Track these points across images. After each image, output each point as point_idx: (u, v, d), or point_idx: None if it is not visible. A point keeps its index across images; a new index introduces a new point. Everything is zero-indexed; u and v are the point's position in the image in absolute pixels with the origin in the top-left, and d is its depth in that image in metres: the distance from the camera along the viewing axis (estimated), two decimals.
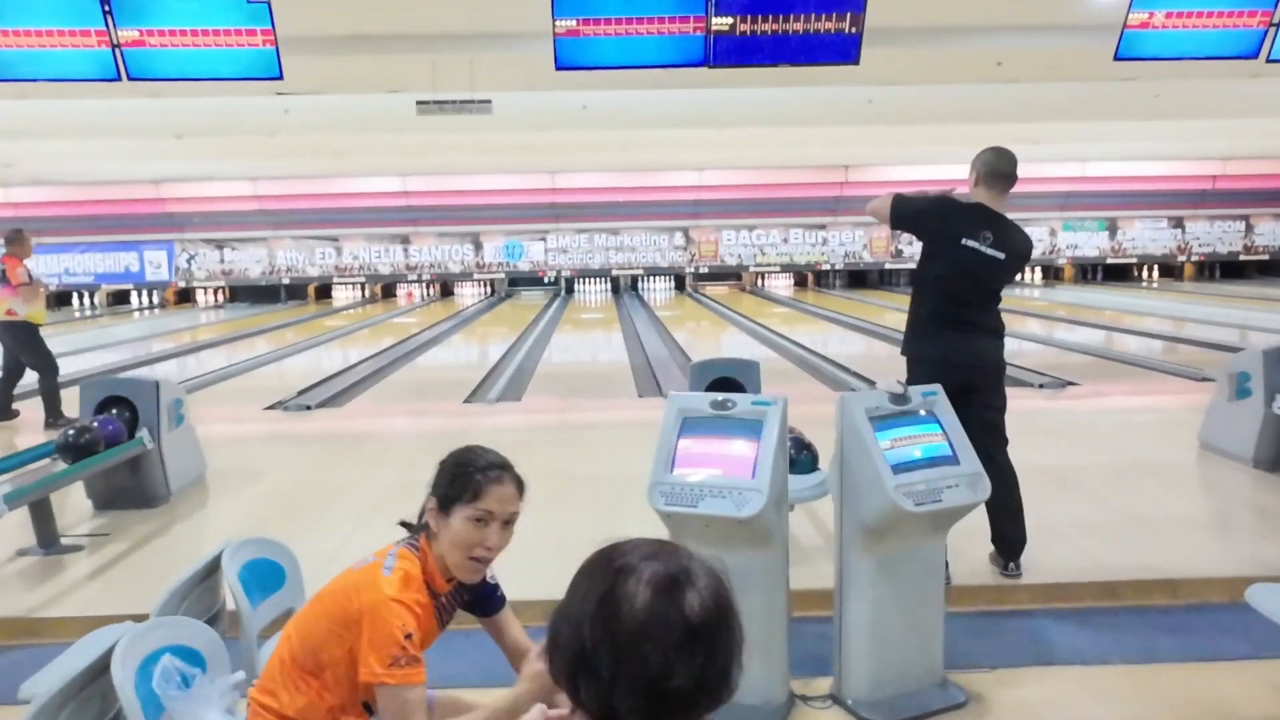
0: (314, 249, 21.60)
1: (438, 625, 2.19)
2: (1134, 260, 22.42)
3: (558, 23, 5.59)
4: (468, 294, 22.69)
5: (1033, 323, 15.37)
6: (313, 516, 5.06)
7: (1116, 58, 5.76)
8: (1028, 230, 4.20)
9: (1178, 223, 22.01)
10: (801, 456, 4.19)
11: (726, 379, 5.19)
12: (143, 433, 5.27)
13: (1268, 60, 5.74)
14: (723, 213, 21.38)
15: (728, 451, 3.10)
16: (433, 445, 6.80)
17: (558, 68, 5.68)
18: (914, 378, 4.08)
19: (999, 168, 4.03)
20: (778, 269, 22.24)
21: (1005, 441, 4.08)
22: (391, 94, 8.79)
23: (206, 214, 20.76)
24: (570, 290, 22.67)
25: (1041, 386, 8.72)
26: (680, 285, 22.67)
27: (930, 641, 3.27)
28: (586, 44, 5.65)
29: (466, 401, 8.67)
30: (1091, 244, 22.17)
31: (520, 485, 2.18)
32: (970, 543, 4.23)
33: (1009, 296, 4.40)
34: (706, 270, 22.27)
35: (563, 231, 21.64)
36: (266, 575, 2.73)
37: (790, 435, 4.32)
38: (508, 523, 2.15)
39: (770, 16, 5.57)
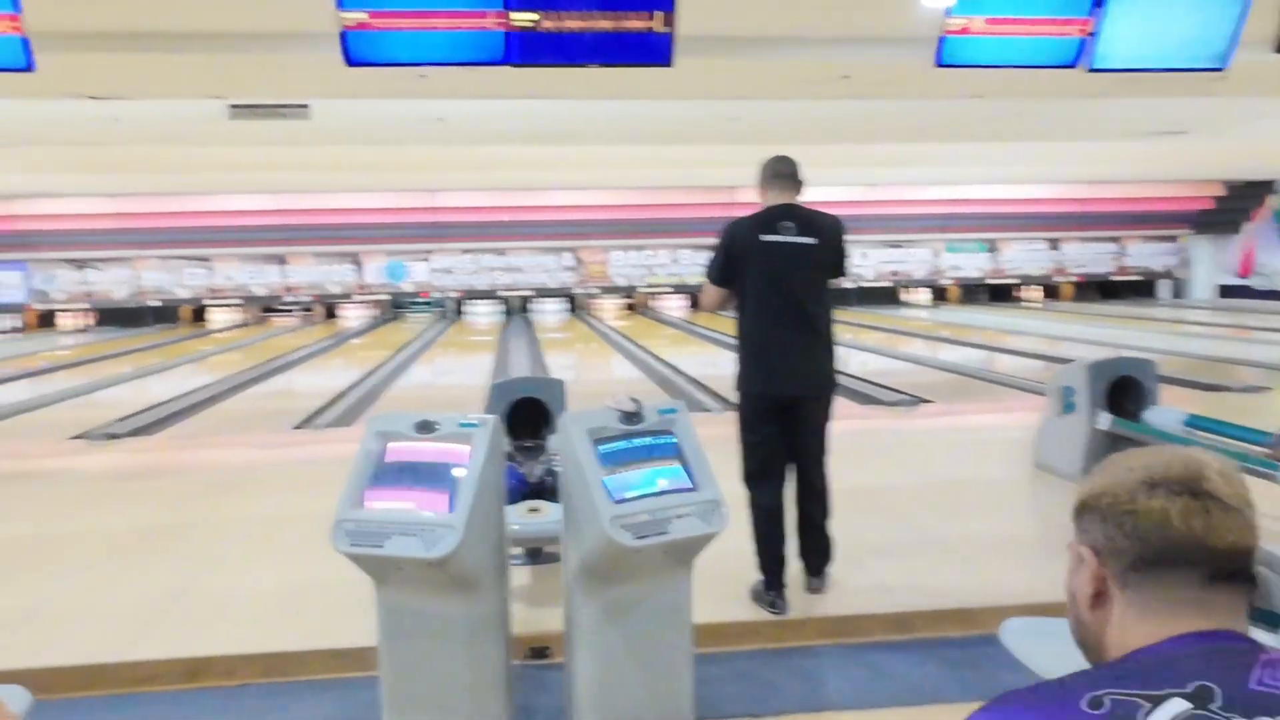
0: (183, 269, 20.56)
1: None
2: (1015, 281, 22.87)
3: (344, 15, 5.15)
4: (352, 315, 21.90)
5: (916, 342, 15.44)
6: (18, 568, 4.48)
7: (937, 64, 5.58)
8: (915, 251, 4.03)
9: (1054, 244, 22.55)
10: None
11: (530, 400, 4.79)
12: None
13: (1088, 70, 5.64)
14: (611, 233, 21.08)
15: (429, 483, 2.69)
16: (220, 481, 6.22)
17: (348, 64, 5.24)
18: (742, 409, 3.86)
19: (778, 170, 3.85)
20: (669, 289, 22.02)
21: (824, 455, 3.88)
22: (213, 100, 8.22)
23: (62, 232, 19.57)
24: (459, 312, 22.08)
25: (893, 404, 8.55)
26: (573, 307, 22.29)
27: (674, 690, 2.90)
28: (377, 38, 5.22)
29: (297, 428, 8.10)
30: (973, 265, 22.55)
31: None
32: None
33: (895, 317, 4.21)
34: (597, 291, 21.95)
35: (447, 252, 21.06)
36: None
37: (552, 461, 3.94)
38: None
39: (574, 13, 5.23)
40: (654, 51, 5.40)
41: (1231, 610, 1.03)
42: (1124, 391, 5.60)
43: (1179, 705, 0.91)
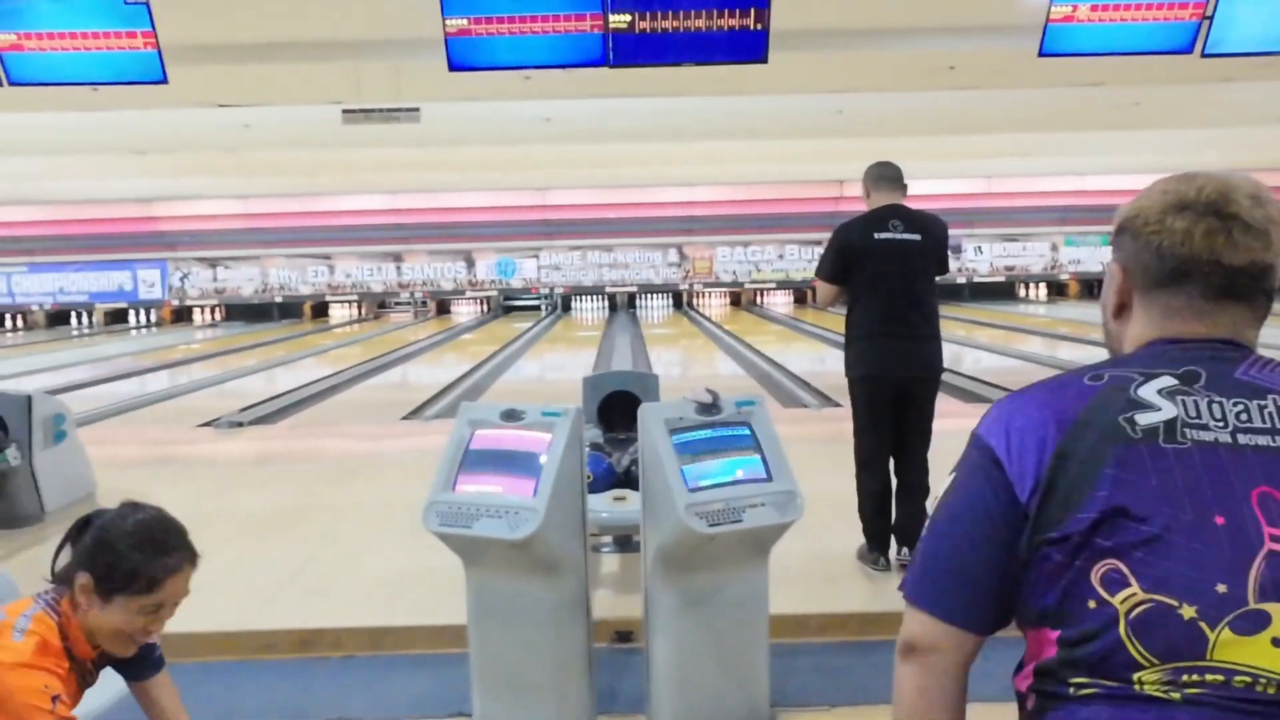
0: (306, 267, 21.59)
1: (79, 690, 1.90)
2: None
3: (448, 22, 5.37)
4: (464, 311, 22.59)
5: (1033, 340, 14.98)
6: None
7: (1041, 53, 5.47)
8: (1032, 245, 4.29)
9: None
10: None
11: (622, 393, 4.91)
12: (10, 449, 5.06)
13: (1202, 55, 5.42)
14: (717, 229, 21.14)
15: (514, 468, 2.83)
16: (336, 468, 6.56)
17: (451, 69, 5.46)
18: (857, 395, 4.15)
19: (884, 173, 4.18)
20: (774, 285, 21.93)
21: (928, 442, 4.14)
22: (332, 105, 8.63)
23: (198, 232, 20.81)
24: (567, 308, 22.50)
25: None
26: (678, 303, 22.44)
27: (750, 678, 2.98)
28: (479, 44, 5.42)
29: (404, 419, 8.46)
30: (1095, 259, 21.70)
31: (196, 563, 1.90)
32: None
33: (1010, 313, 4.46)
34: (702, 287, 22.03)
35: (555, 249, 21.49)
36: None
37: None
38: (176, 603, 1.88)
39: (670, 13, 5.32)
40: (748, 49, 5.46)
41: (1237, 322, 1.14)
42: None
43: (1167, 380, 1.07)
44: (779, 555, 3.09)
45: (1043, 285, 22.27)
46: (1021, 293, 22.25)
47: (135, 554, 1.80)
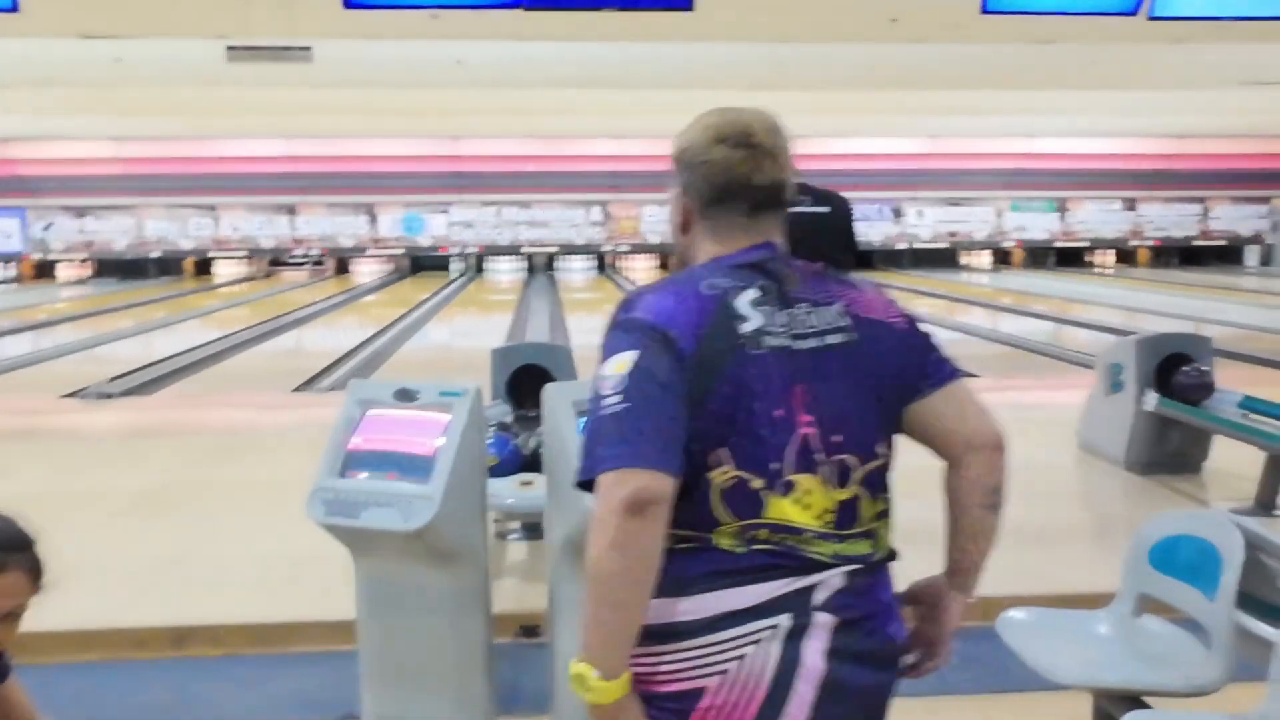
0: (188, 219, 20.95)
1: None
2: (1086, 244, 22.59)
3: None
4: (365, 271, 22.20)
5: (976, 311, 15.36)
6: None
7: (984, 10, 5.58)
8: (976, 210, 4.41)
9: (1130, 204, 22.22)
10: None
11: (532, 367, 4.91)
12: None
13: (1149, 18, 5.60)
14: (644, 185, 21.04)
15: (407, 451, 2.82)
16: (219, 444, 6.43)
17: (347, 5, 5.34)
18: None
19: None
20: None
21: None
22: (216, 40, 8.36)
23: (64, 177, 20.01)
24: (480, 269, 22.27)
25: None
26: (601, 266, 22.39)
27: None
28: None
29: (296, 390, 8.34)
30: (1041, 226, 22.30)
31: (36, 571, 1.87)
32: None
33: (953, 282, 4.53)
34: (628, 248, 22.02)
35: (467, 204, 21.22)
36: None
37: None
38: (10, 615, 1.85)
39: None
40: None
41: (769, 230, 1.60)
42: (1178, 369, 5.58)
43: (752, 294, 1.52)
44: None
45: (986, 252, 22.81)
46: (964, 260, 22.76)
47: None
